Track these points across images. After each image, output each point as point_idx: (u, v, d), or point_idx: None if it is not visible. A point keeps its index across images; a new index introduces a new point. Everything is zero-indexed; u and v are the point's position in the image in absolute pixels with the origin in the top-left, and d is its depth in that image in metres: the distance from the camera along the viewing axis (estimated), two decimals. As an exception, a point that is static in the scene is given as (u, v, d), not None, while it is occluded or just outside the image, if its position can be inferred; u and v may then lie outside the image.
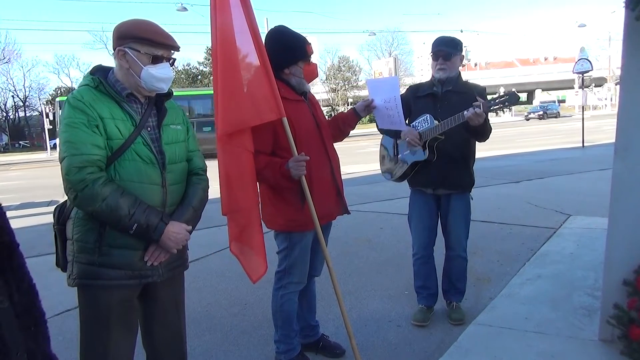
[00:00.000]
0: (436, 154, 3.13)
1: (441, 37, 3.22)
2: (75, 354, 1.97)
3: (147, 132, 1.96)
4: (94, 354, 1.96)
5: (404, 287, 4.01)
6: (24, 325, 1.16)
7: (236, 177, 2.35)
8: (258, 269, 2.56)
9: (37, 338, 1.21)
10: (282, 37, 2.68)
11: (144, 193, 1.89)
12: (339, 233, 5.10)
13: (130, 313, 2.02)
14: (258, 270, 2.56)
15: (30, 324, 1.19)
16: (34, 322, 1.21)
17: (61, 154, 1.82)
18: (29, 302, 1.21)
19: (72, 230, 1.90)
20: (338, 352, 3.03)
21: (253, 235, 2.53)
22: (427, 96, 3.22)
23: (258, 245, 2.55)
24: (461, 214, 3.28)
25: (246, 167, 2.44)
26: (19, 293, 1.17)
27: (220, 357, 3.11)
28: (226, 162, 2.35)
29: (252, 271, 2.55)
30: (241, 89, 2.38)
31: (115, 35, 1.97)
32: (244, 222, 2.49)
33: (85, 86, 1.92)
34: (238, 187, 2.36)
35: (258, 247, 2.55)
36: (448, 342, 3.06)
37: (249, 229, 2.51)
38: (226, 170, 2.35)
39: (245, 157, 2.44)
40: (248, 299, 3.98)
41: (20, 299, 1.17)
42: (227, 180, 2.34)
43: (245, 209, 2.47)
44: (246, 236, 2.52)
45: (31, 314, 1.20)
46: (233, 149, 2.39)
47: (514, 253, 4.73)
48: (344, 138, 3.06)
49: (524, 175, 9.48)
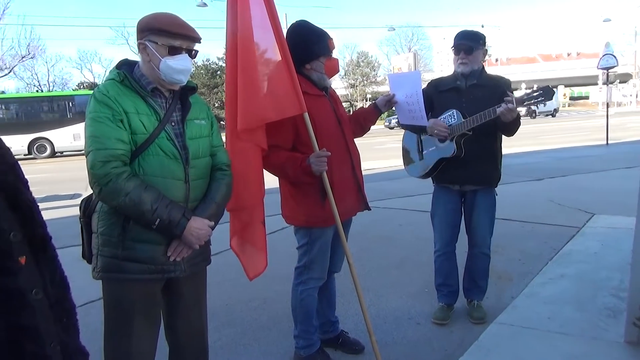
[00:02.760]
0: (464, 149, 3.08)
1: (463, 30, 3.16)
2: (98, 346, 1.99)
3: (171, 126, 1.97)
4: (117, 346, 1.99)
5: (423, 284, 3.98)
6: (57, 317, 1.18)
7: (242, 175, 2.34)
8: (257, 266, 2.57)
9: (69, 330, 1.23)
10: (304, 32, 2.67)
11: (167, 188, 1.90)
12: (358, 229, 5.06)
13: (153, 307, 2.04)
14: (257, 268, 2.57)
15: (62, 316, 1.21)
16: (66, 315, 1.23)
17: (86, 148, 1.84)
18: (61, 295, 1.22)
19: (97, 223, 1.93)
20: (357, 348, 3.02)
21: (255, 232, 2.54)
22: (450, 90, 3.17)
23: (260, 241, 2.56)
24: (487, 210, 3.23)
25: (253, 164, 2.44)
26: (52, 285, 1.19)
27: (240, 351, 3.13)
28: (234, 159, 2.35)
29: (251, 268, 2.55)
30: (262, 85, 2.38)
31: (137, 29, 1.98)
32: (247, 219, 2.50)
33: (111, 80, 1.93)
34: (243, 184, 2.35)
35: (260, 244, 2.56)
36: (469, 341, 3.03)
37: (252, 226, 2.52)
38: (233, 168, 2.35)
39: (252, 153, 2.43)
40: (267, 294, 3.99)
41: (53, 291, 1.19)
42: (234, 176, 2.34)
43: (249, 206, 2.47)
44: (248, 233, 2.53)
45: (63, 306, 1.22)
46: (241, 145, 2.38)
47: (536, 252, 4.66)
48: (364, 133, 3.04)
49: (546, 172, 9.33)
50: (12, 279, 1.07)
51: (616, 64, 14.78)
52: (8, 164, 1.17)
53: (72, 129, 22.14)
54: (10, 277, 1.07)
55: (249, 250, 2.55)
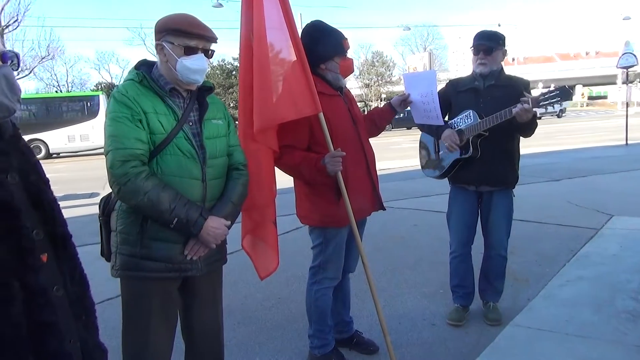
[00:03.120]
0: (480, 150, 3.06)
1: (482, 30, 3.14)
2: (116, 343, 2.02)
3: (189, 126, 1.99)
4: (134, 343, 2.02)
5: (438, 285, 3.96)
6: (76, 314, 1.20)
7: (254, 175, 2.35)
8: (268, 266, 2.58)
9: (88, 327, 1.25)
10: (319, 32, 2.67)
11: (184, 187, 1.92)
12: (373, 229, 5.07)
13: (170, 305, 2.06)
14: (268, 267, 2.59)
15: (82, 313, 1.23)
16: (85, 312, 1.25)
17: (106, 147, 1.87)
18: (81, 292, 1.25)
19: (116, 222, 1.96)
20: (372, 349, 3.01)
21: (266, 231, 2.56)
22: (468, 91, 3.15)
23: (272, 240, 2.57)
24: (504, 211, 3.20)
25: (264, 165, 2.45)
26: (72, 282, 1.21)
27: (255, 349, 3.15)
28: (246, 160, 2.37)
29: (262, 268, 2.57)
30: (277, 85, 2.39)
31: (155, 30, 2.00)
32: (258, 219, 2.51)
33: (130, 81, 1.96)
34: (255, 184, 2.37)
35: (272, 242, 2.57)
36: (484, 342, 3.01)
37: (263, 225, 2.54)
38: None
39: (263, 154, 2.44)
40: (282, 293, 4.01)
41: (73, 288, 1.21)
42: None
43: (260, 206, 2.49)
44: (260, 231, 2.54)
45: (82, 304, 1.24)
46: (253, 145, 2.40)
47: (553, 253, 4.61)
48: (379, 133, 3.04)
49: (564, 173, 9.21)
50: (35, 276, 1.09)
51: (636, 62, 14.55)
52: (30, 164, 1.19)
53: (66, 131, 22.17)
54: (33, 274, 1.09)
55: (261, 248, 2.57)
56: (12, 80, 1.10)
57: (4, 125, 1.18)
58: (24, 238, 1.09)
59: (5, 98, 1.09)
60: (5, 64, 1.10)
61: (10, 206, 1.07)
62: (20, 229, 1.08)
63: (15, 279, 1.05)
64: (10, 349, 1.04)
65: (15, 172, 1.12)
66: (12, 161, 1.13)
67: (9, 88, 1.09)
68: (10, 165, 1.12)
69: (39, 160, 1.28)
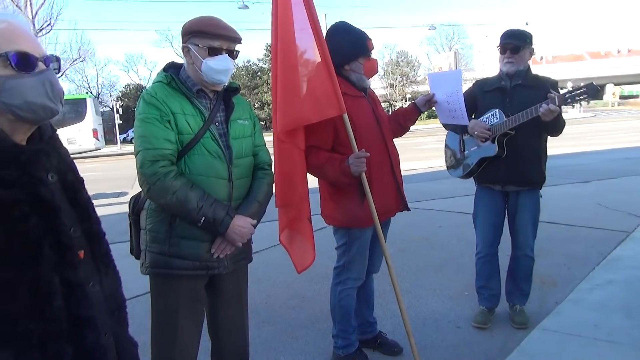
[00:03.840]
0: (506, 149, 3.03)
1: (510, 29, 3.10)
2: (143, 339, 2.06)
3: (216, 127, 2.02)
4: (163, 338, 2.06)
5: (463, 287, 3.92)
6: (110, 309, 1.24)
7: (287, 174, 2.39)
8: (305, 260, 2.60)
9: (120, 321, 1.29)
10: (343, 33, 2.68)
11: (211, 187, 1.96)
12: (397, 230, 5.05)
13: (197, 302, 2.10)
14: (305, 261, 2.60)
15: (115, 308, 1.27)
16: (118, 307, 1.29)
17: (136, 147, 1.92)
18: (114, 288, 1.29)
19: (146, 220, 2.01)
20: (396, 350, 3.01)
21: (303, 225, 2.58)
22: (494, 90, 3.12)
23: (309, 233, 2.59)
24: (530, 212, 3.16)
25: (297, 164, 2.47)
26: (106, 278, 1.25)
27: (279, 348, 3.17)
28: (280, 159, 2.40)
29: (299, 262, 2.59)
30: (302, 86, 2.41)
31: (181, 33, 2.05)
32: (294, 215, 2.54)
33: (159, 83, 2.01)
34: (289, 183, 2.41)
35: (309, 235, 2.59)
36: (510, 346, 2.97)
37: (299, 220, 2.56)
38: (280, 167, 2.39)
39: (295, 154, 2.47)
40: (306, 292, 4.03)
41: (107, 284, 1.25)
42: (280, 175, 2.39)
43: (295, 203, 2.51)
44: (297, 225, 2.56)
45: (115, 299, 1.28)
46: (286, 146, 2.42)
47: (582, 256, 4.51)
48: (404, 133, 3.03)
49: (594, 174, 8.99)
50: (73, 271, 1.14)
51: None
52: (67, 163, 1.24)
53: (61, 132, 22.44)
54: (72, 270, 1.13)
55: (298, 242, 2.59)
56: (55, 83, 1.15)
57: (44, 127, 1.23)
58: (63, 235, 1.13)
59: (49, 101, 1.13)
60: (48, 68, 1.14)
61: (51, 205, 1.12)
62: (60, 227, 1.12)
63: (56, 274, 1.10)
64: (52, 342, 1.08)
65: (54, 171, 1.17)
66: (52, 161, 1.17)
67: (52, 91, 1.14)
68: (50, 165, 1.16)
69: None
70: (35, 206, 1.09)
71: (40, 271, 1.07)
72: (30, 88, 1.10)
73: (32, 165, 1.11)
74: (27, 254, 1.06)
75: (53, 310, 1.08)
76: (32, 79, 1.10)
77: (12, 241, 1.04)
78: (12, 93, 1.09)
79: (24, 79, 1.10)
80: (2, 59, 1.08)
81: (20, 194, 1.07)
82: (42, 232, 1.09)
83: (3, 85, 1.08)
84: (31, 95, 1.10)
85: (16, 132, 1.13)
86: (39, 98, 1.11)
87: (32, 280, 1.06)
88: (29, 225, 1.06)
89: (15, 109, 1.09)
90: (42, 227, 1.09)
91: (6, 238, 1.03)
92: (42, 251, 1.08)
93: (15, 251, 1.04)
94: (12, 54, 1.08)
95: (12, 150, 1.09)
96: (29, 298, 1.05)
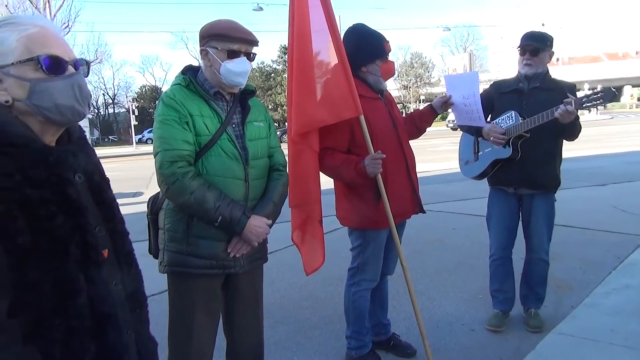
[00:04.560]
0: (520, 151, 3.01)
1: (531, 31, 3.09)
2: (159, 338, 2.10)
3: (232, 128, 2.06)
4: (179, 336, 2.10)
5: (477, 290, 3.90)
6: (132, 307, 1.27)
7: (301, 175, 2.41)
8: (314, 262, 2.62)
9: (141, 320, 1.31)
10: (360, 35, 2.70)
11: (228, 187, 1.99)
12: (411, 232, 5.02)
13: (213, 301, 2.13)
14: (314, 263, 2.62)
15: (136, 306, 1.30)
16: (139, 305, 1.32)
17: (155, 148, 1.96)
18: (136, 287, 1.31)
19: (164, 220, 2.04)
20: (409, 352, 3.01)
21: (314, 227, 2.60)
22: (511, 92, 3.11)
23: (319, 236, 2.62)
24: (544, 215, 3.13)
25: (310, 165, 2.50)
26: (129, 277, 1.28)
27: (292, 348, 3.19)
28: (295, 160, 2.42)
29: (309, 263, 2.61)
30: (318, 88, 2.43)
31: (199, 37, 2.09)
32: (305, 216, 2.56)
33: (177, 85, 2.04)
34: (303, 183, 2.44)
35: (319, 238, 2.61)
36: (525, 350, 2.95)
37: (310, 223, 2.58)
38: (295, 167, 2.42)
39: (308, 155, 2.49)
40: (319, 294, 4.04)
41: (129, 282, 1.28)
42: (294, 176, 2.41)
43: (307, 203, 2.54)
44: (308, 227, 2.58)
45: (137, 298, 1.31)
46: (300, 147, 2.45)
47: (598, 260, 4.46)
48: (420, 135, 3.03)
49: (611, 177, 8.88)
50: (98, 270, 1.16)
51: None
52: (94, 164, 1.27)
53: None
54: (96, 268, 1.16)
55: (308, 243, 2.61)
56: (83, 87, 1.18)
57: (73, 128, 1.26)
58: (89, 234, 1.15)
59: (77, 104, 1.16)
60: (77, 72, 1.17)
61: (77, 204, 1.14)
62: (86, 226, 1.15)
63: (81, 272, 1.12)
64: (76, 338, 1.11)
65: (81, 172, 1.19)
66: (79, 162, 1.20)
67: (80, 94, 1.17)
68: (78, 166, 1.19)
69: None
70: (62, 206, 1.11)
71: (66, 269, 1.10)
72: (60, 91, 1.13)
73: (60, 166, 1.13)
74: (53, 252, 1.08)
75: (77, 308, 1.10)
76: (62, 82, 1.13)
77: (39, 240, 1.06)
78: (43, 96, 1.12)
79: (54, 82, 1.12)
80: (33, 62, 1.11)
81: (47, 193, 1.09)
82: (69, 231, 1.11)
83: (34, 88, 1.11)
84: (61, 98, 1.13)
85: (46, 133, 1.16)
86: (68, 101, 1.14)
87: (57, 278, 1.08)
88: (55, 224, 1.09)
89: (45, 111, 1.12)
90: (69, 226, 1.12)
91: (33, 236, 1.05)
92: (68, 250, 1.10)
93: (42, 249, 1.06)
94: (43, 57, 1.11)
95: (42, 151, 1.12)
96: (55, 295, 1.08)
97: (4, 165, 1.05)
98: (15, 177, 1.05)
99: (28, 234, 1.05)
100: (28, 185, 1.07)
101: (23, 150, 1.09)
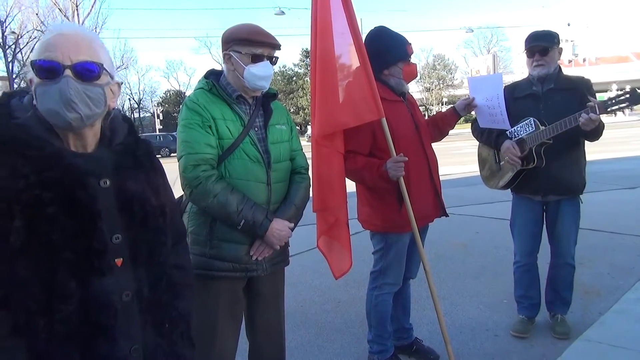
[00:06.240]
0: (544, 159, 2.94)
1: (534, 32, 3.01)
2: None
3: (255, 132, 2.07)
4: (202, 339, 2.11)
5: (502, 295, 3.84)
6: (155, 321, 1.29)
7: (326, 178, 2.41)
8: (342, 266, 2.60)
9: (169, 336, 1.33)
10: (382, 38, 2.69)
11: (250, 190, 2.00)
12: (433, 236, 4.97)
13: (236, 304, 2.15)
14: (342, 267, 2.61)
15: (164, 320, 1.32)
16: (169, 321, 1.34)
17: (179, 152, 1.99)
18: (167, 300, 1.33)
19: (187, 223, 2.07)
20: (432, 357, 2.97)
21: (341, 232, 2.58)
22: (526, 97, 3.01)
23: (346, 240, 2.60)
24: (571, 218, 3.05)
25: (335, 168, 2.49)
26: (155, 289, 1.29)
27: (314, 351, 3.19)
28: (319, 163, 2.41)
29: (337, 268, 2.60)
30: (340, 91, 2.43)
31: (222, 41, 2.11)
32: (332, 220, 2.55)
33: (201, 89, 2.07)
34: (328, 186, 2.43)
35: (346, 243, 2.60)
36: (551, 357, 2.89)
37: (337, 226, 2.57)
38: (318, 171, 2.41)
39: (334, 158, 2.48)
40: (341, 297, 4.03)
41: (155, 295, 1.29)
42: (318, 180, 2.41)
43: (334, 207, 2.52)
44: (335, 232, 2.57)
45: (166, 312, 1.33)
46: (325, 150, 2.44)
47: (628, 266, 4.34)
48: (442, 138, 3.01)
49: (640, 180, 8.65)
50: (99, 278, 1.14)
51: None
52: (133, 170, 1.27)
53: None
54: (98, 276, 1.14)
55: (336, 248, 2.61)
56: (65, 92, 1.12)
57: (115, 133, 1.26)
58: (97, 241, 1.13)
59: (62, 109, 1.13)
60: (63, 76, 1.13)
61: (88, 209, 1.13)
62: (94, 232, 1.13)
63: (74, 279, 1.10)
64: (57, 343, 1.09)
65: (108, 176, 1.19)
66: (106, 166, 1.20)
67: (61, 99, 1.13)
68: (102, 171, 1.18)
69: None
70: (68, 209, 1.10)
71: (55, 273, 1.08)
72: (48, 96, 1.13)
73: (74, 170, 1.13)
74: (45, 255, 1.07)
75: (63, 314, 1.09)
76: (52, 87, 1.13)
77: (33, 241, 1.06)
78: (39, 100, 1.14)
79: (47, 86, 1.13)
80: (33, 67, 1.13)
81: (53, 195, 1.09)
82: (69, 235, 1.10)
83: (35, 92, 1.14)
84: (49, 103, 1.13)
85: (64, 136, 1.17)
86: (53, 105, 1.13)
87: (46, 282, 1.07)
88: (53, 228, 1.08)
89: (44, 115, 1.14)
90: (70, 230, 1.10)
91: (27, 237, 1.05)
92: (61, 256, 1.09)
93: (33, 251, 1.06)
94: (37, 62, 1.13)
95: (57, 153, 1.13)
96: (43, 297, 1.07)
97: (21, 167, 1.07)
98: (30, 179, 1.07)
99: (23, 234, 1.05)
100: (40, 186, 1.07)
101: (39, 153, 1.10)
